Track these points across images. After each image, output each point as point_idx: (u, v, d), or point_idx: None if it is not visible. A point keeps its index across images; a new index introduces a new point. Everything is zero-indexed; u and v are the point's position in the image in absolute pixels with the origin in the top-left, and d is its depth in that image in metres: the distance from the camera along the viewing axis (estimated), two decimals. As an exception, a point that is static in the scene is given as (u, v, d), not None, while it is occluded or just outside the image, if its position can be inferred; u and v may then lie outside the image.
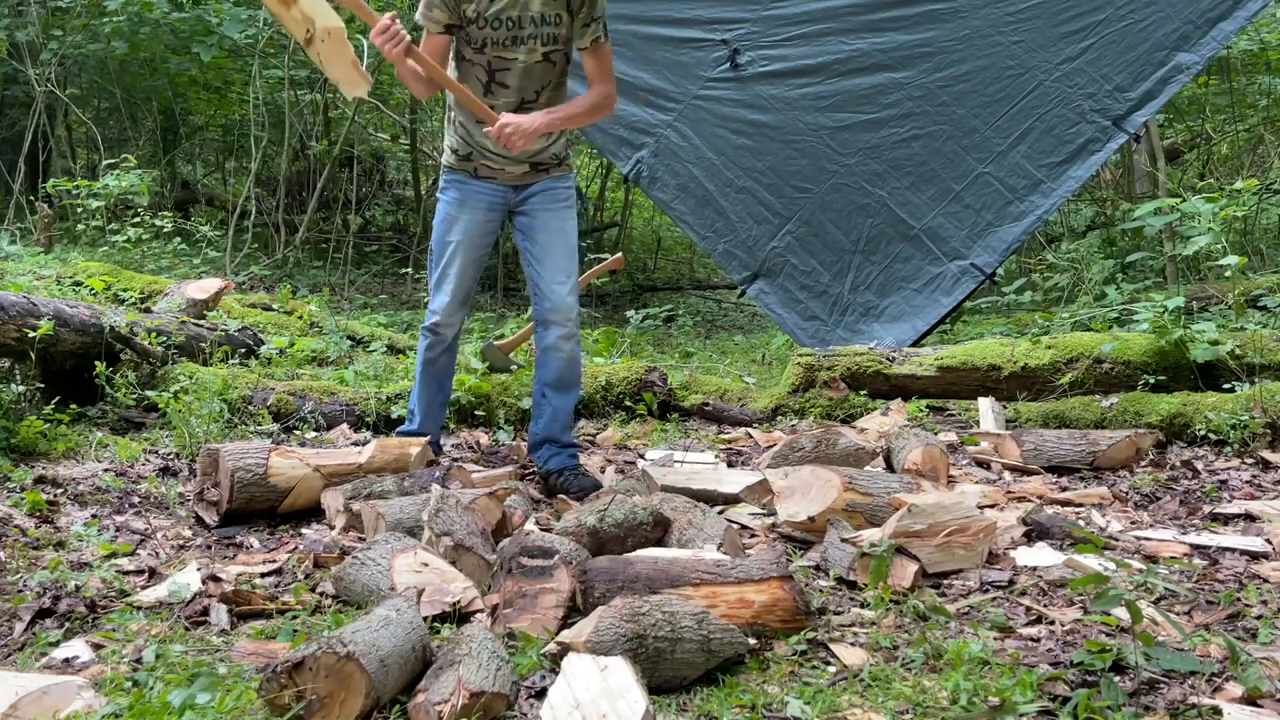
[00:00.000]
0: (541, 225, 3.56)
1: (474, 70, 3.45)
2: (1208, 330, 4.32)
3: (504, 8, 3.35)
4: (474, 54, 3.43)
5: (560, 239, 3.55)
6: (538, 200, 3.56)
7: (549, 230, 3.55)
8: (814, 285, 5.60)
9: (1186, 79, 5.25)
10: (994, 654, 2.11)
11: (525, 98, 3.44)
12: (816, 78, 5.55)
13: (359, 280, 9.54)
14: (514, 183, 3.56)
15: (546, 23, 3.38)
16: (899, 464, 3.48)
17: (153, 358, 4.31)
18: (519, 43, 3.39)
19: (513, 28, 3.37)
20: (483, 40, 3.39)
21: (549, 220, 3.56)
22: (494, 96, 3.44)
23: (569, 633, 2.10)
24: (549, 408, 3.65)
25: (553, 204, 3.57)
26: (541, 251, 3.56)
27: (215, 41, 8.72)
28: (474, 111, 3.43)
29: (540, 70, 3.44)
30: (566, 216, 3.58)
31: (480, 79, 3.45)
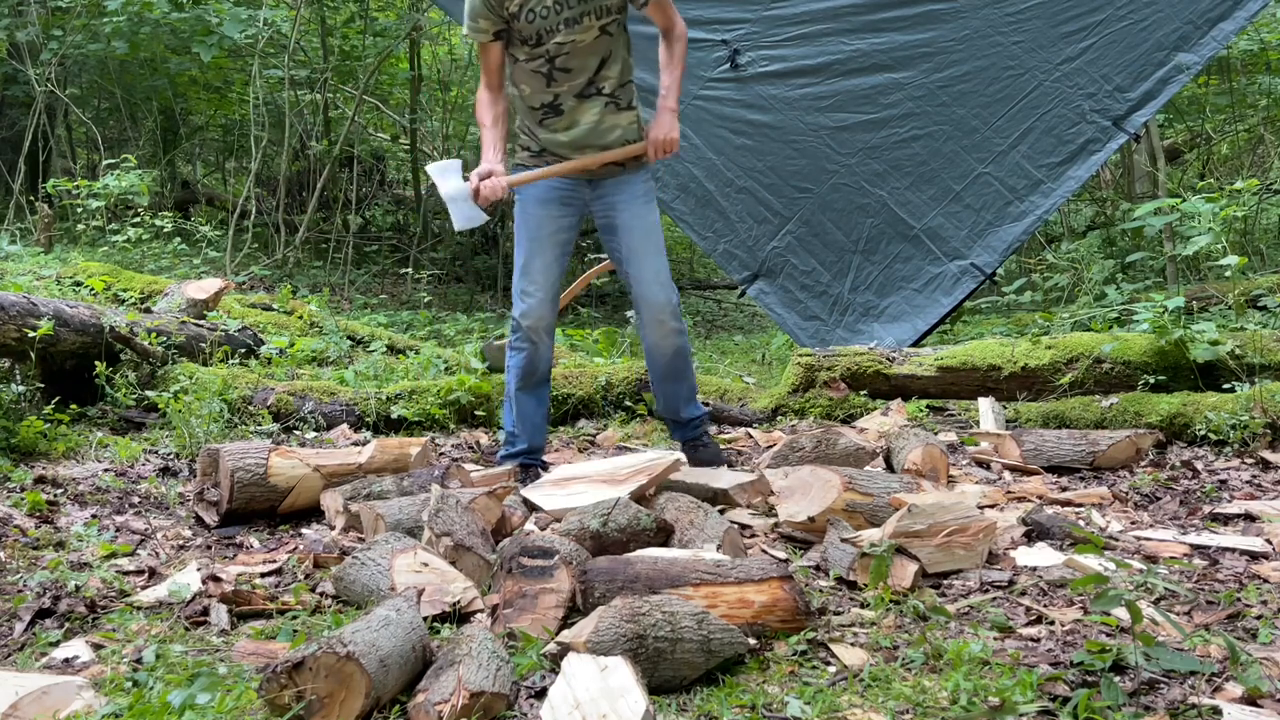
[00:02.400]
0: (621, 222, 3.51)
1: (532, 65, 3.41)
2: (1208, 330, 4.32)
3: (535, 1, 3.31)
4: (530, 50, 3.39)
5: (640, 234, 3.50)
6: (616, 197, 3.51)
7: (631, 228, 3.50)
8: (814, 285, 5.60)
9: (1186, 79, 5.25)
10: (994, 654, 2.11)
11: (589, 76, 3.42)
12: (817, 78, 5.54)
13: (359, 280, 9.54)
14: (587, 178, 3.51)
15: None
16: (899, 464, 3.47)
17: (153, 358, 4.31)
18: (572, 24, 3.35)
19: (562, 10, 3.32)
20: (536, 33, 3.35)
21: (627, 217, 3.50)
22: (558, 84, 3.41)
23: (569, 633, 2.10)
24: (660, 394, 3.73)
25: (632, 199, 3.51)
26: (628, 250, 3.52)
27: (215, 41, 8.71)
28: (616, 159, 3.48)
29: (599, 45, 3.39)
30: (646, 210, 3.52)
31: (541, 71, 3.41)
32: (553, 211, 3.50)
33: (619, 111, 3.48)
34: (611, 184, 3.52)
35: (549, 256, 3.50)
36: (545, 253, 3.49)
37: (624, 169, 3.52)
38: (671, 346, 3.56)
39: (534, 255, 3.50)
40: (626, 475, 3.07)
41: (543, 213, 3.51)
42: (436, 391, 4.41)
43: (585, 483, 3.09)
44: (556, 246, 3.52)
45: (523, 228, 3.54)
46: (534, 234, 3.50)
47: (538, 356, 3.53)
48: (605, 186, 3.52)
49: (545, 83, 3.42)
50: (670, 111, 3.50)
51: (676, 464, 3.19)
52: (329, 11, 10.25)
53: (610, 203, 3.52)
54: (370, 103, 11.00)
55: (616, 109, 3.47)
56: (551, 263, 3.50)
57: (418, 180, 11.29)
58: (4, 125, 10.47)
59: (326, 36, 10.45)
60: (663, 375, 3.64)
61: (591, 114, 3.45)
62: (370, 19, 10.54)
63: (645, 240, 3.50)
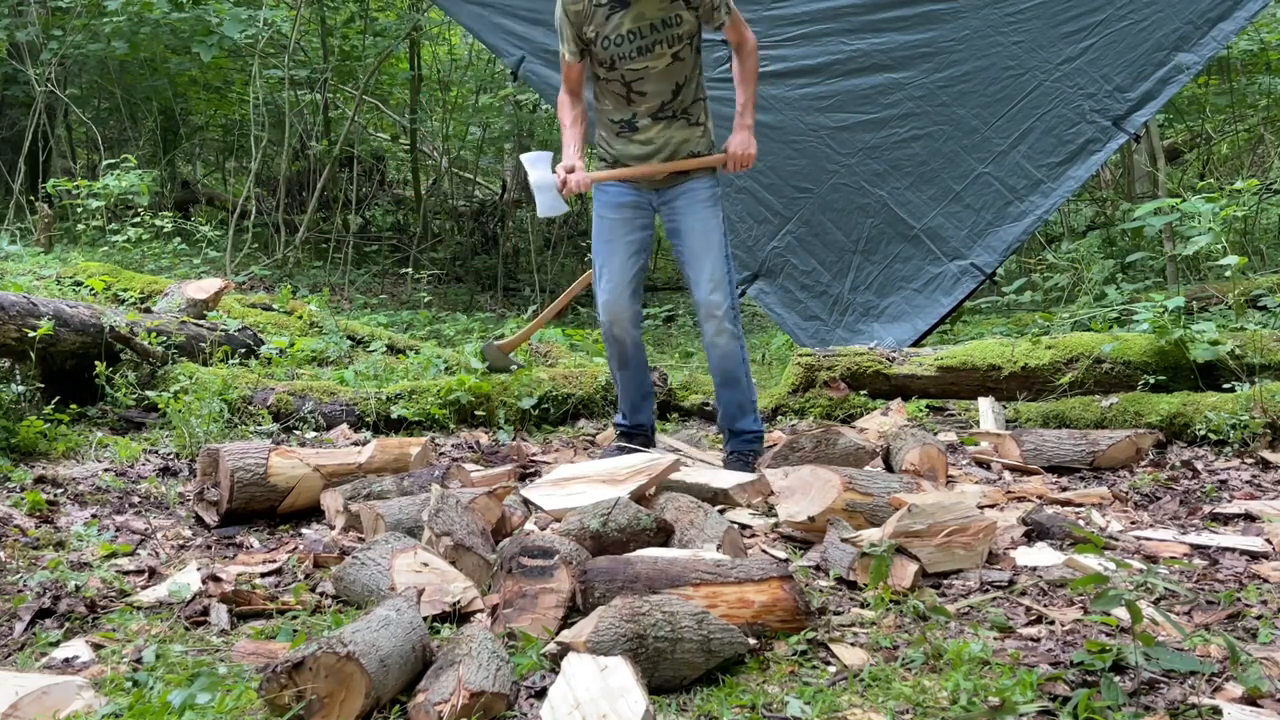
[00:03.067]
0: (684, 226, 3.71)
1: (611, 86, 3.65)
2: (1208, 330, 4.32)
3: (620, 23, 3.51)
4: (607, 72, 3.62)
5: (701, 238, 3.68)
6: (681, 202, 3.71)
7: (691, 231, 3.69)
8: (814, 285, 5.60)
9: (1186, 79, 5.25)
10: (994, 654, 2.11)
11: (664, 100, 3.63)
12: (817, 78, 5.54)
13: (359, 280, 9.54)
14: (655, 186, 3.73)
15: (668, 25, 3.53)
16: (897, 464, 3.47)
17: (153, 358, 4.31)
18: (645, 52, 3.55)
19: (635, 39, 3.53)
20: (610, 59, 3.58)
21: (690, 222, 3.69)
22: (635, 104, 3.64)
23: (569, 633, 2.10)
24: (718, 401, 3.86)
25: (694, 204, 3.70)
26: (688, 252, 3.71)
27: (215, 41, 8.71)
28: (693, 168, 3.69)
29: (672, 70, 3.60)
30: (709, 215, 3.70)
31: (619, 93, 3.64)
32: (625, 215, 3.73)
33: (690, 127, 3.69)
34: (677, 190, 3.72)
35: (621, 257, 3.71)
36: (618, 254, 3.71)
37: (690, 176, 3.71)
38: (723, 348, 3.70)
39: (608, 257, 3.72)
40: (626, 475, 3.07)
41: (615, 217, 3.73)
42: (436, 391, 4.41)
43: (585, 483, 3.09)
44: (629, 248, 3.72)
45: (598, 232, 3.78)
46: (607, 237, 3.73)
47: (622, 349, 3.78)
48: (672, 193, 3.72)
49: (624, 102, 3.65)
50: (747, 128, 3.72)
51: (676, 464, 3.19)
52: (329, 11, 10.25)
53: (675, 207, 3.72)
54: (370, 103, 11.00)
55: (688, 125, 3.68)
56: (624, 263, 3.71)
57: (418, 180, 11.29)
58: (4, 125, 10.47)
59: (326, 36, 10.46)
60: (719, 380, 3.79)
61: (665, 131, 3.66)
62: (370, 19, 10.54)
63: (704, 244, 3.68)
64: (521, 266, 10.64)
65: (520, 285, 10.34)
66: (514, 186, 11.39)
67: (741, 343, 3.75)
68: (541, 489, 3.14)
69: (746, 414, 3.80)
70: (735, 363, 3.74)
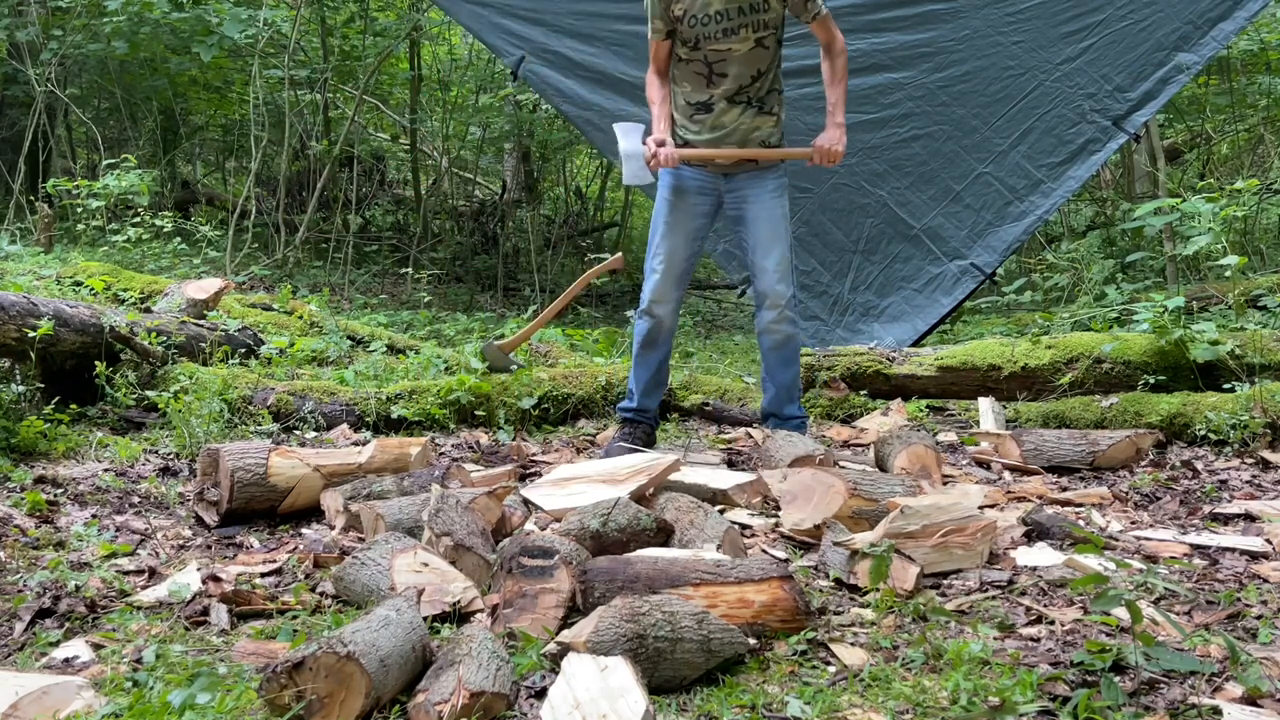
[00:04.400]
0: (750, 214, 3.76)
1: (692, 66, 3.72)
2: (1208, 330, 4.32)
3: (709, 2, 3.60)
4: (690, 52, 3.70)
5: (767, 226, 3.73)
6: (746, 190, 3.77)
7: (756, 219, 3.75)
8: (814, 285, 5.60)
9: (1186, 79, 5.25)
10: (994, 654, 2.11)
11: (743, 84, 3.70)
12: (816, 78, 5.52)
13: (359, 280, 9.54)
14: (724, 171, 3.78)
15: (755, 10, 3.63)
16: (890, 470, 3.46)
17: (153, 358, 4.31)
18: (730, 34, 3.63)
19: (721, 20, 3.61)
20: (695, 38, 3.65)
21: (756, 210, 3.75)
22: (715, 86, 3.70)
23: (569, 633, 2.10)
24: (770, 385, 3.90)
25: (763, 193, 3.76)
26: (752, 239, 3.77)
27: (215, 41, 8.71)
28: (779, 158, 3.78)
29: (755, 56, 3.67)
30: (774, 205, 3.76)
31: (700, 73, 3.71)
32: (689, 200, 3.79)
33: (762, 115, 3.76)
34: (744, 178, 3.78)
35: (678, 240, 3.78)
36: (675, 236, 3.78)
37: (759, 165, 3.77)
38: (783, 333, 3.78)
39: (665, 238, 3.79)
40: (626, 475, 3.07)
41: (678, 200, 3.80)
42: (436, 391, 4.41)
43: (585, 483, 3.09)
44: (688, 232, 3.80)
45: (660, 212, 3.84)
46: (668, 218, 3.80)
47: (657, 329, 3.83)
48: (738, 180, 3.78)
49: (705, 83, 3.72)
50: (838, 126, 3.79)
51: (676, 464, 3.19)
52: (329, 11, 10.25)
53: (742, 195, 3.78)
54: (370, 103, 11.00)
55: (761, 113, 3.76)
56: (680, 245, 3.78)
57: (418, 180, 11.29)
58: (4, 125, 10.47)
59: (326, 36, 10.45)
60: (773, 363, 3.84)
61: (738, 117, 3.73)
62: (370, 19, 10.54)
63: (772, 233, 3.74)
64: (521, 266, 10.64)
65: (520, 285, 10.33)
66: (514, 186, 11.39)
67: (799, 331, 3.85)
68: (541, 489, 3.14)
69: (794, 399, 3.90)
70: (794, 349, 3.84)
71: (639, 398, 3.94)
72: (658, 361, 3.91)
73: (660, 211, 3.83)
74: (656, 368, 3.92)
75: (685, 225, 3.79)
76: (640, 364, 3.92)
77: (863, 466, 3.61)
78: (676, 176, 3.80)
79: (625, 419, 3.97)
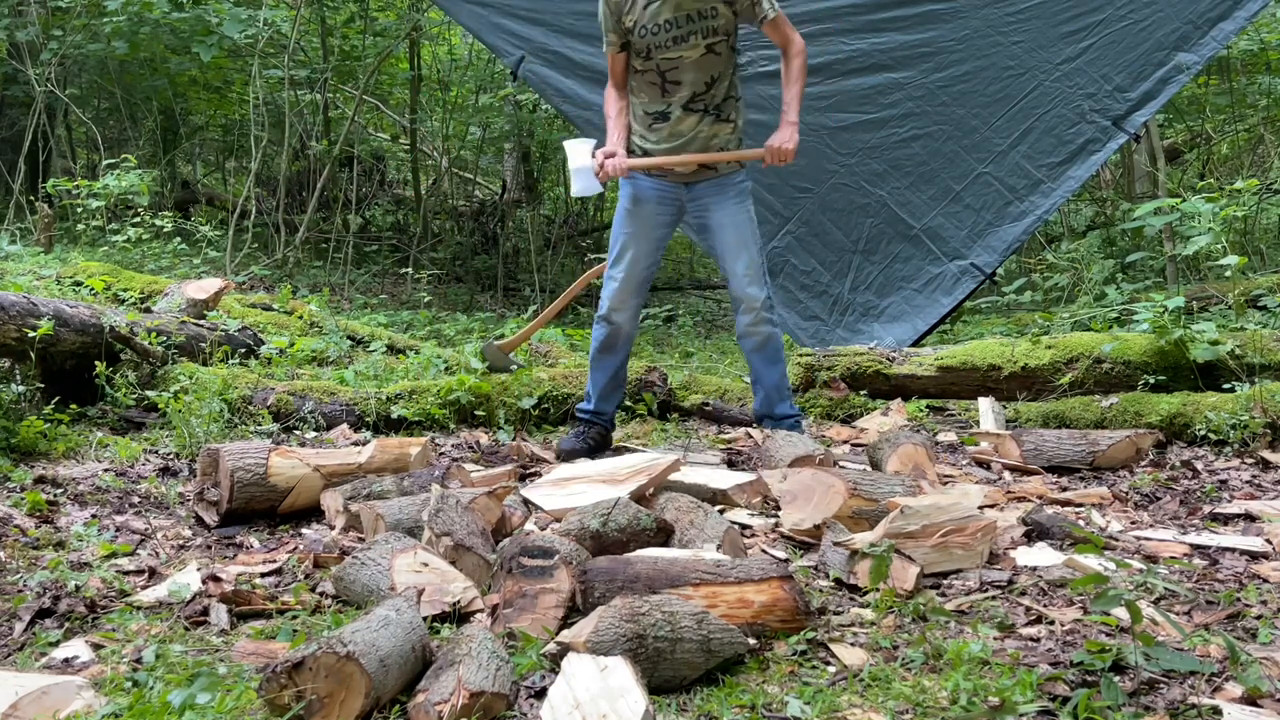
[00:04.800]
0: (714, 222, 3.79)
1: (647, 76, 3.77)
2: (1208, 330, 4.32)
3: (658, 11, 3.63)
4: (644, 62, 3.74)
5: (733, 232, 3.77)
6: (708, 198, 3.79)
7: (722, 225, 3.77)
8: (814, 285, 5.60)
9: (1186, 79, 5.25)
10: (994, 654, 2.11)
11: (697, 91, 3.72)
12: (816, 78, 5.53)
13: (359, 280, 9.54)
14: (683, 180, 3.80)
15: (704, 17, 3.66)
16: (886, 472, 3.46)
17: (153, 358, 4.31)
18: (680, 41, 3.67)
19: (671, 29, 3.65)
20: (647, 47, 3.70)
21: (720, 216, 3.78)
22: (670, 95, 3.75)
23: (569, 633, 2.10)
24: (759, 387, 3.94)
25: (724, 199, 3.78)
26: (721, 245, 3.79)
27: (215, 41, 8.71)
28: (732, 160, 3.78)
29: (707, 63, 3.70)
30: (739, 209, 3.78)
31: (655, 82, 3.75)
32: (649, 209, 3.83)
33: (720, 123, 3.78)
34: (705, 186, 3.80)
35: (639, 249, 3.83)
36: (636, 245, 3.83)
37: (718, 171, 3.79)
38: (762, 334, 3.80)
39: (626, 247, 3.83)
40: (626, 475, 3.07)
41: (638, 210, 3.84)
42: (436, 391, 4.41)
43: (585, 483, 3.09)
44: (648, 242, 3.84)
45: (620, 221, 3.89)
46: (628, 228, 3.85)
47: (614, 335, 3.88)
48: (699, 189, 3.81)
49: (659, 93, 3.76)
50: (791, 124, 3.78)
51: (676, 464, 3.19)
52: (329, 11, 10.25)
53: (704, 203, 3.80)
54: (370, 103, 11.00)
55: (719, 120, 3.78)
56: (640, 255, 3.83)
57: (418, 180, 11.29)
58: (4, 125, 10.47)
59: (326, 36, 10.45)
60: (758, 365, 3.88)
61: (695, 125, 3.76)
62: (370, 19, 10.54)
63: (738, 237, 3.77)
64: (521, 266, 10.64)
65: (520, 285, 10.33)
66: (514, 186, 11.39)
67: (779, 331, 3.85)
68: (541, 489, 3.14)
69: (785, 398, 3.91)
70: (775, 349, 3.85)
71: (596, 401, 3.99)
72: (615, 366, 3.95)
73: (620, 220, 3.87)
74: (613, 372, 3.96)
75: (646, 235, 3.82)
76: (597, 368, 3.96)
77: (863, 466, 3.61)
78: (636, 186, 3.82)
79: (581, 419, 4.02)
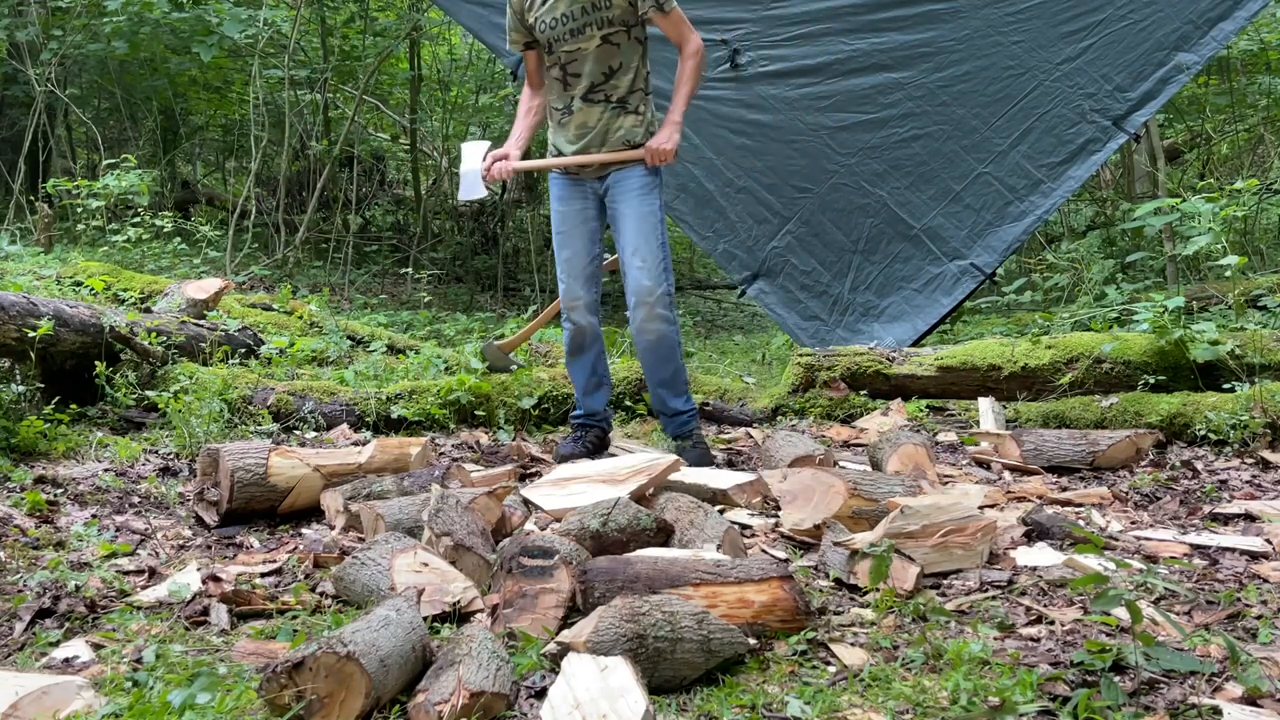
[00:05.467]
0: (618, 212, 3.81)
1: (553, 72, 3.82)
2: (1208, 330, 4.32)
3: (555, 6, 3.68)
4: (549, 58, 3.81)
5: (631, 223, 3.77)
6: (616, 190, 3.82)
7: (624, 216, 3.79)
8: (814, 285, 5.60)
9: (1186, 79, 5.25)
10: (994, 654, 2.11)
11: (595, 82, 3.75)
12: (816, 78, 5.54)
13: (359, 280, 9.54)
14: (596, 176, 3.83)
15: (597, 8, 3.69)
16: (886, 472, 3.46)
17: (153, 358, 4.31)
18: (577, 34, 3.71)
19: (568, 21, 3.69)
20: (548, 42, 3.76)
21: (623, 208, 3.79)
22: (571, 88, 3.78)
23: (569, 633, 2.10)
24: (649, 385, 3.93)
25: (626, 191, 3.79)
26: (622, 238, 3.82)
27: (215, 41, 8.71)
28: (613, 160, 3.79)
29: (604, 53, 3.72)
30: (640, 202, 3.77)
31: (558, 77, 3.81)
32: (573, 206, 3.88)
33: (624, 114, 3.79)
34: (614, 178, 3.82)
35: (576, 246, 3.87)
36: (572, 243, 3.87)
37: (625, 165, 3.80)
38: (654, 332, 3.75)
39: (562, 246, 3.90)
40: (626, 475, 3.07)
41: (564, 209, 3.89)
42: (436, 391, 4.41)
43: (585, 483, 3.09)
44: (582, 237, 3.87)
45: (554, 222, 3.94)
46: (559, 228, 3.91)
47: (579, 334, 3.91)
48: (609, 181, 3.83)
49: (562, 87, 3.81)
50: (673, 124, 3.78)
51: (676, 464, 3.19)
52: (329, 11, 10.25)
53: (613, 195, 3.82)
54: (370, 103, 11.00)
55: (623, 112, 3.79)
56: (579, 251, 3.86)
57: (418, 180, 11.29)
58: (4, 125, 10.47)
59: (326, 36, 10.45)
60: (647, 362, 3.84)
61: (596, 116, 3.78)
62: (370, 19, 10.54)
63: (637, 228, 3.76)
64: (521, 266, 10.64)
65: (520, 285, 10.34)
66: (514, 186, 11.38)
67: (675, 328, 3.80)
68: (541, 489, 3.14)
69: (679, 394, 3.87)
70: (668, 348, 3.79)
71: (582, 401, 4.00)
72: (590, 363, 3.97)
73: (554, 222, 3.93)
74: (591, 369, 3.97)
75: (577, 230, 3.86)
76: (573, 369, 4.00)
77: (863, 466, 3.61)
78: (559, 186, 3.90)
79: (575, 424, 4.03)
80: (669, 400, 3.88)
